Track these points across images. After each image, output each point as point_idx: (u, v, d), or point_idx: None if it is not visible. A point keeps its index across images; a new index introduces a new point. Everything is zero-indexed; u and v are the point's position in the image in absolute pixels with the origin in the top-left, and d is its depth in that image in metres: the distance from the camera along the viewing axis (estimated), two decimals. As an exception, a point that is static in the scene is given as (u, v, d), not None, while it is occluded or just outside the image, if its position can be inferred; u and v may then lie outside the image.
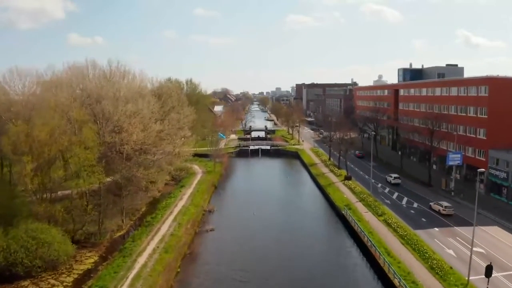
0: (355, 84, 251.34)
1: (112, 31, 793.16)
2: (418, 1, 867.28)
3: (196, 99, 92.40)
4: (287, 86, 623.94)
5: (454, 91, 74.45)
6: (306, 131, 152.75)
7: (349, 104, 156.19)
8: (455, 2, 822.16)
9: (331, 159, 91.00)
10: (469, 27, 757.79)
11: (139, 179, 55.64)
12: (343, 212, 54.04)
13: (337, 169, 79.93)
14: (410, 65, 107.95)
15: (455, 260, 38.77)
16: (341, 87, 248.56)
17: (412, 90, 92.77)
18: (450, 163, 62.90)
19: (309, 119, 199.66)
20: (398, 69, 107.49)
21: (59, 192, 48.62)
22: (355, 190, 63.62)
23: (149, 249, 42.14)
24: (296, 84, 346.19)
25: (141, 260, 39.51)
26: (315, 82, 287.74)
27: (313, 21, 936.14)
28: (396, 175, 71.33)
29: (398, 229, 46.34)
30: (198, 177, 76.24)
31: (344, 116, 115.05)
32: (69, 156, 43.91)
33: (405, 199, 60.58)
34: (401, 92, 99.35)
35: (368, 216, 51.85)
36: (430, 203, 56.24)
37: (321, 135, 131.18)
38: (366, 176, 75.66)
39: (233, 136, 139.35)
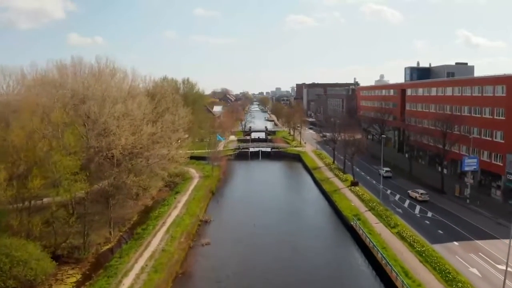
0: (357, 84, 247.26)
1: (112, 31, 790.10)
2: (418, 1, 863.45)
3: (193, 99, 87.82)
4: (287, 86, 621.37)
5: (467, 91, 69.82)
6: (308, 132, 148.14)
7: (352, 104, 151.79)
8: (455, 2, 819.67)
9: (335, 162, 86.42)
10: (469, 27, 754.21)
11: (129, 187, 51.00)
12: (352, 223, 49.42)
13: (342, 173, 75.29)
14: (418, 63, 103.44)
15: (482, 281, 34.14)
16: (342, 87, 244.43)
17: (420, 90, 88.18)
18: (466, 168, 58.39)
19: (310, 119, 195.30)
20: (405, 68, 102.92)
21: (40, 202, 44.23)
22: (363, 198, 58.98)
23: (137, 268, 37.52)
24: (297, 84, 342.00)
25: (127, 281, 34.90)
26: (316, 82, 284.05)
27: (313, 21, 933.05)
28: (387, 168, 72.60)
29: (414, 243, 41.69)
30: (195, 182, 71.62)
31: (348, 117, 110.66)
32: (48, 163, 39.22)
33: (418, 207, 55.94)
34: (408, 92, 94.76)
35: (379, 227, 47.23)
36: (408, 191, 60.73)
37: (324, 138, 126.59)
38: (374, 181, 71.15)
39: (232, 137, 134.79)
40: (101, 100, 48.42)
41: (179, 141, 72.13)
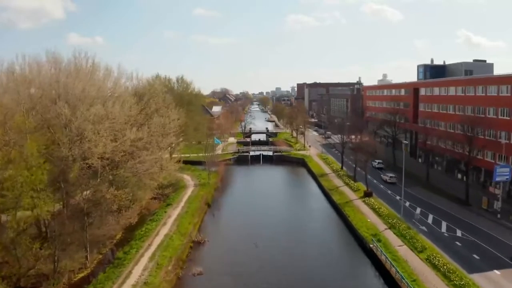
0: (358, 83, 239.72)
1: (112, 31, 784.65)
2: (419, 0, 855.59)
3: (188, 100, 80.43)
4: (287, 86, 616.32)
5: (493, 90, 62.40)
6: (311, 133, 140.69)
7: (357, 104, 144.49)
8: (456, 2, 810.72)
9: (344, 168, 79.09)
10: (470, 27, 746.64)
11: (110, 201, 43.56)
12: (371, 245, 42.01)
13: (352, 181, 67.87)
14: (431, 61, 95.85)
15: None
16: (345, 86, 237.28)
17: (436, 89, 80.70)
18: (498, 179, 51.10)
19: (312, 119, 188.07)
20: (418, 66, 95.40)
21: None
22: (380, 212, 51.55)
23: (111, 309, 30.24)
24: (298, 84, 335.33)
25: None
26: (317, 82, 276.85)
27: (313, 21, 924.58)
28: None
29: (450, 274, 34.34)
30: (189, 192, 64.22)
31: (354, 118, 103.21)
32: (4, 179, 31.97)
33: (444, 224, 48.55)
34: (422, 91, 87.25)
35: (404, 251, 39.83)
36: (381, 175, 57.17)
37: (328, 138, 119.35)
38: (389, 191, 63.79)
39: (231, 139, 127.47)
40: (75, 101, 41.00)
41: (172, 146, 64.94)
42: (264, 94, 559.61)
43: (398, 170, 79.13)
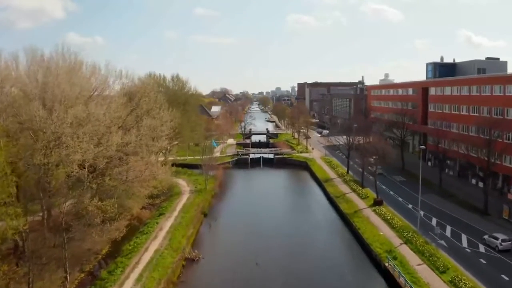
0: (360, 82, 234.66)
1: (112, 31, 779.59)
2: (419, 0, 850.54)
3: (184, 99, 75.63)
4: (287, 85, 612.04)
5: (512, 90, 57.84)
6: (314, 134, 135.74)
7: (361, 104, 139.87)
8: (457, 2, 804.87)
9: (350, 172, 74.38)
10: (470, 27, 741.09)
11: (93, 214, 38.90)
12: (386, 264, 37.32)
13: (360, 187, 63.15)
14: (441, 58, 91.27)
15: None
16: (347, 86, 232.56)
17: (448, 89, 76.04)
18: (522, 186, 46.47)
19: (313, 120, 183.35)
20: (427, 64, 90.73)
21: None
22: (393, 224, 46.82)
23: None
24: (298, 83, 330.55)
25: None
26: (318, 81, 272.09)
27: (314, 21, 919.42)
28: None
29: (480, 302, 29.73)
30: (184, 199, 59.52)
31: (359, 119, 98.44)
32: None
33: (464, 237, 43.87)
34: (432, 90, 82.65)
35: (425, 272, 35.14)
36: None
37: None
38: (400, 199, 59.12)
39: (230, 140, 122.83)
40: (54, 102, 36.35)
41: (165, 150, 60.28)
42: (264, 94, 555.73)
43: (407, 174, 74.64)
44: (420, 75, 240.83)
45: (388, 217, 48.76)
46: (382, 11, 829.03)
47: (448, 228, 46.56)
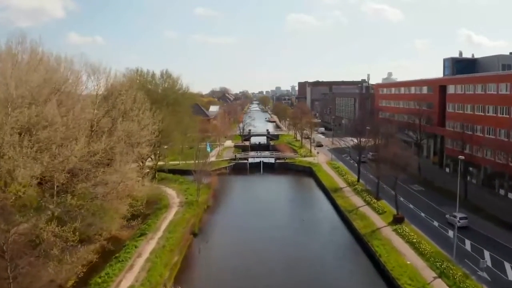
0: (364, 81, 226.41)
1: (112, 31, 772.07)
2: (419, 0, 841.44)
3: (174, 98, 67.31)
4: (286, 85, 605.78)
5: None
6: (317, 136, 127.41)
7: (367, 104, 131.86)
8: (456, 1, 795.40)
9: (361, 180, 66.18)
10: (470, 26, 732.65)
11: (49, 243, 30.82)
12: (422, 310, 29.17)
13: (375, 199, 54.97)
14: (460, 53, 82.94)
15: None
16: (350, 85, 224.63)
17: (470, 87, 67.78)
18: None
19: (315, 120, 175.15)
20: (444, 60, 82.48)
21: None
22: (421, 249, 38.54)
23: None
24: (299, 83, 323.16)
25: None
26: (320, 80, 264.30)
27: (314, 20, 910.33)
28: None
29: None
30: (171, 214, 51.28)
31: (367, 119, 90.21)
32: None
33: (508, 267, 35.75)
34: (450, 89, 74.44)
35: (474, 323, 27.03)
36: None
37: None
38: (422, 214, 50.94)
39: (228, 142, 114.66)
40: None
41: (155, 155, 52.21)
42: (264, 93, 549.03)
43: (424, 182, 66.51)
44: (420, 74, 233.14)
45: (414, 240, 40.56)
46: (383, 11, 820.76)
47: (487, 254, 38.40)
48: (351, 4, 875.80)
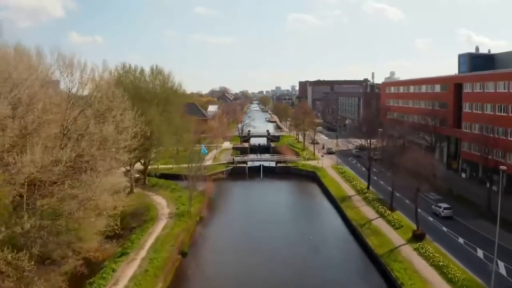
0: (366, 80, 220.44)
1: (112, 30, 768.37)
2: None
3: (165, 97, 60.94)
4: (286, 85, 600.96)
5: None
6: (320, 137, 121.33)
7: (372, 103, 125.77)
8: (457, 1, 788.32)
9: (371, 187, 60.10)
10: (471, 26, 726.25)
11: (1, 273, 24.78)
12: None
13: (388, 211, 48.83)
14: (476, 49, 76.88)
15: None
16: (353, 84, 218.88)
17: (490, 84, 61.73)
18: None
19: (317, 120, 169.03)
20: (459, 56, 76.31)
21: None
22: (450, 274, 32.40)
23: None
24: (300, 82, 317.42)
25: None
26: (321, 79, 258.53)
27: (314, 20, 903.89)
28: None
29: None
30: (159, 227, 45.18)
31: (374, 120, 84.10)
32: None
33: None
34: (467, 87, 68.34)
35: None
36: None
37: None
38: (444, 228, 44.81)
39: (226, 144, 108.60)
40: None
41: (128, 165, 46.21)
42: (264, 93, 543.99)
43: (441, 190, 60.34)
44: (421, 74, 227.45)
45: (440, 263, 34.47)
46: (383, 10, 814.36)
47: (527, 278, 32.38)
48: (352, 3, 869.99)
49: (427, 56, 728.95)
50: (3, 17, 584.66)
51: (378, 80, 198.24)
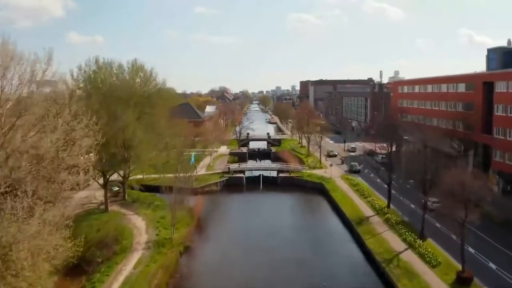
0: (371, 80, 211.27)
1: (112, 30, 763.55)
2: None
3: (146, 97, 51.16)
4: (287, 85, 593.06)
5: None
6: (325, 140, 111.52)
7: (381, 104, 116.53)
8: (457, 1, 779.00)
9: (392, 205, 50.50)
10: (471, 26, 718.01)
11: None
12: None
13: (418, 239, 39.10)
14: (509, 42, 67.30)
15: None
16: (357, 84, 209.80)
17: (531, 83, 52.25)
18: None
19: (322, 121, 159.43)
20: (488, 50, 66.84)
21: None
22: None
23: None
24: (301, 82, 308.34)
25: None
26: (323, 79, 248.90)
27: (314, 20, 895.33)
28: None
29: None
30: (132, 262, 35.61)
31: (385, 123, 74.52)
32: None
33: None
34: (500, 86, 58.75)
35: None
36: None
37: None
38: (491, 264, 35.14)
39: (223, 149, 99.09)
40: None
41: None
42: (264, 93, 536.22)
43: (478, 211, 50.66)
44: (422, 74, 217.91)
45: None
46: (383, 9, 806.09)
47: None
48: (352, 3, 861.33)
49: (429, 56, 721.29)
50: (3, 17, 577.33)
51: (382, 79, 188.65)
